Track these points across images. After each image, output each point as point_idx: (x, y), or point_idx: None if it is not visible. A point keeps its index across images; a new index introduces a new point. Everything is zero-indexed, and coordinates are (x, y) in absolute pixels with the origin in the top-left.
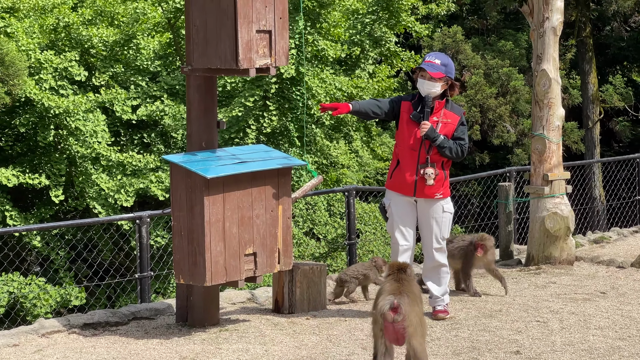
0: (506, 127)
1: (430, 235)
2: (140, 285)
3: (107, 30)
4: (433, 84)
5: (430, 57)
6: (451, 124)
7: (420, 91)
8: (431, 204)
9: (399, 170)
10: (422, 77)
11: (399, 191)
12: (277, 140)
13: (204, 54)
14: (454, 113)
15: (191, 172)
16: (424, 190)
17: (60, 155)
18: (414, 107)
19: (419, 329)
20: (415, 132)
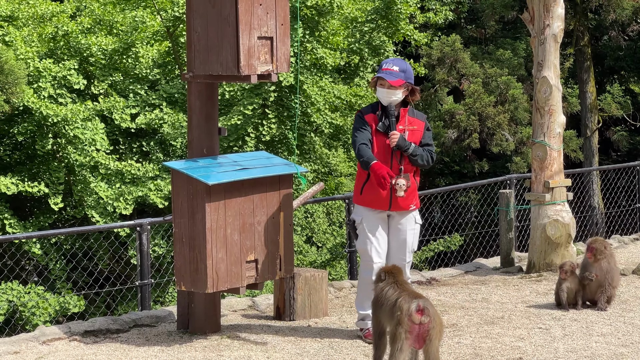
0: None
1: (403, 249)
2: (141, 292)
3: (106, 38)
4: (393, 92)
5: (387, 65)
6: (417, 130)
7: (381, 100)
8: (405, 216)
9: (371, 184)
10: (381, 86)
11: (372, 206)
12: (276, 148)
13: (205, 60)
14: (418, 119)
15: (192, 179)
16: (398, 203)
17: (59, 164)
18: (379, 118)
19: (440, 332)
20: (385, 143)
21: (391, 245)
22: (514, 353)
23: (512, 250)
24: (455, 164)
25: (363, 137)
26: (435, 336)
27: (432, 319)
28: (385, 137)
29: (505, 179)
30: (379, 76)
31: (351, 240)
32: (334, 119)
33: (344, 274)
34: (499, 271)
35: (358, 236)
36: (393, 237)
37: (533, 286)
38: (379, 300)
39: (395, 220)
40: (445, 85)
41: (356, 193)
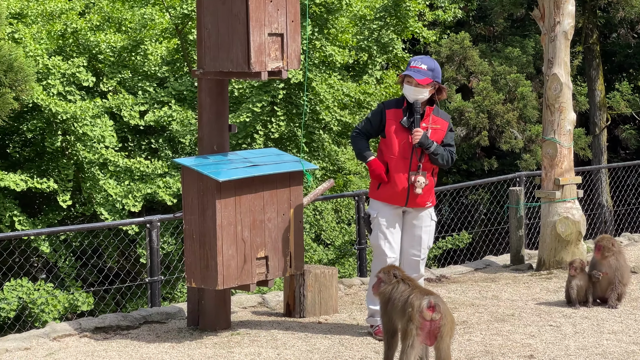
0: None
1: (418, 245)
2: (151, 289)
3: (115, 36)
4: (420, 90)
5: (415, 63)
6: (440, 130)
7: (407, 97)
8: (420, 213)
9: (388, 179)
10: (408, 84)
11: (388, 201)
12: (285, 145)
13: (215, 57)
14: (442, 119)
15: (203, 176)
16: (415, 200)
17: (68, 161)
18: (403, 113)
19: (451, 329)
20: (406, 140)
21: (405, 241)
22: (524, 350)
23: (522, 247)
24: (463, 162)
25: (365, 127)
26: (446, 333)
27: (443, 316)
28: (408, 133)
29: (514, 177)
30: (407, 74)
31: (361, 237)
32: (342, 116)
33: (352, 271)
34: (509, 269)
35: (372, 230)
36: (407, 233)
37: (543, 284)
38: (390, 298)
39: (410, 216)
40: (453, 83)
41: (372, 188)
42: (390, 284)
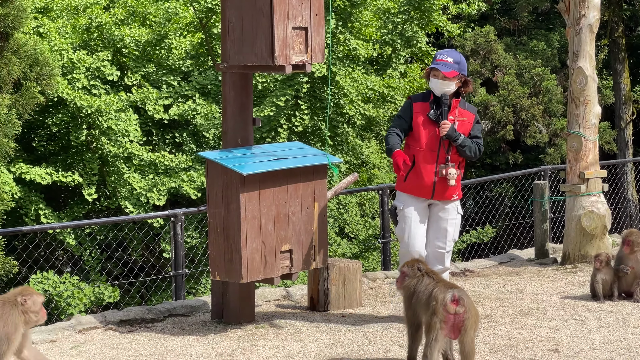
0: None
1: (444, 238)
2: (175, 282)
3: (139, 30)
4: (447, 83)
5: (442, 56)
6: (467, 122)
7: (434, 91)
8: (446, 206)
9: (415, 172)
10: (434, 77)
11: (415, 194)
12: (309, 139)
13: (240, 51)
14: (468, 111)
15: (227, 169)
16: (442, 192)
17: (93, 155)
18: (430, 107)
19: (475, 323)
20: (434, 132)
21: (430, 233)
22: (549, 344)
23: (547, 241)
24: (488, 156)
25: (398, 123)
26: (470, 326)
27: (467, 309)
28: (435, 125)
29: (539, 170)
30: (433, 67)
31: (385, 230)
32: (366, 110)
33: (376, 265)
34: (534, 262)
35: (398, 222)
36: (433, 225)
37: (568, 278)
38: (414, 292)
39: (436, 209)
40: (478, 77)
41: (399, 180)
42: (414, 278)
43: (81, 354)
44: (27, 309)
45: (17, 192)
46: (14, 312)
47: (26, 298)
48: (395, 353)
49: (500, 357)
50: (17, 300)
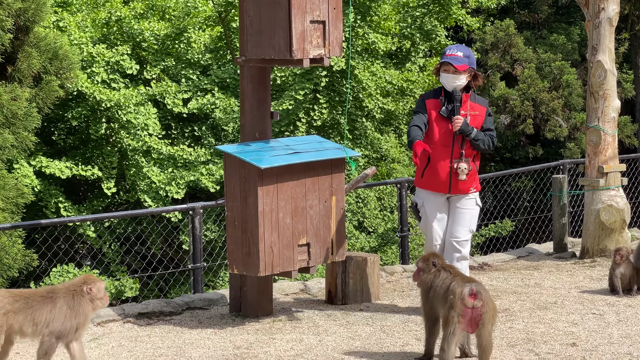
0: (558, 121)
1: (463, 229)
2: (194, 275)
3: (159, 24)
4: (458, 77)
5: (452, 51)
6: (479, 115)
7: (445, 86)
8: (464, 198)
9: (431, 168)
10: (445, 72)
11: (432, 189)
12: (328, 133)
13: (257, 44)
14: (479, 104)
15: (245, 163)
16: (458, 186)
17: (112, 148)
18: (442, 103)
19: (493, 317)
20: (447, 128)
21: (451, 225)
22: (567, 338)
23: (565, 235)
24: (507, 150)
25: (417, 120)
26: (488, 320)
27: (485, 303)
28: (448, 121)
29: (558, 164)
30: (444, 61)
31: (403, 224)
32: (385, 104)
33: (395, 259)
34: (552, 257)
35: (421, 218)
36: (451, 216)
37: (586, 272)
38: (431, 286)
39: (454, 202)
40: (498, 71)
41: (417, 176)
42: (431, 273)
43: (100, 347)
44: (94, 297)
45: (37, 186)
46: (82, 302)
47: (91, 286)
48: (413, 346)
49: (518, 351)
50: (84, 290)
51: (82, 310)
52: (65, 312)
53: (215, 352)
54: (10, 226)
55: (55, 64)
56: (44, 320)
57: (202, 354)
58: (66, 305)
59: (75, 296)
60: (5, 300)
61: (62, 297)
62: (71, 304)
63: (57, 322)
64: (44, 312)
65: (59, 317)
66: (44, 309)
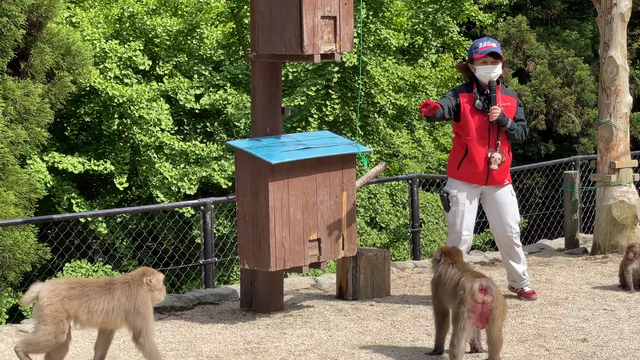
0: (571, 117)
1: (509, 220)
2: (205, 271)
3: (171, 20)
4: (496, 67)
5: (485, 43)
6: (511, 106)
7: (483, 78)
8: (499, 190)
9: (469, 159)
10: (484, 64)
11: (469, 180)
12: (340, 129)
13: (269, 40)
14: (510, 96)
15: (256, 158)
16: (494, 178)
17: (125, 144)
18: (475, 97)
19: (503, 312)
20: (482, 120)
21: (495, 220)
22: (578, 334)
23: (577, 231)
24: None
25: (442, 101)
26: (498, 316)
27: (494, 299)
28: (483, 114)
29: (570, 160)
30: (488, 52)
31: (415, 220)
32: (397, 99)
33: (407, 255)
34: (563, 252)
35: (450, 208)
36: (494, 211)
37: (598, 268)
38: (440, 281)
39: (490, 195)
40: (510, 67)
41: (452, 167)
42: (439, 265)
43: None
44: (153, 288)
45: (49, 181)
46: (140, 293)
47: (151, 278)
48: (423, 342)
49: (529, 346)
50: (143, 281)
51: (141, 299)
52: (123, 303)
53: (226, 347)
54: (22, 221)
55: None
56: (100, 310)
57: (213, 349)
58: (124, 296)
59: (132, 287)
60: (62, 287)
61: (119, 288)
62: (129, 294)
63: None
64: (101, 302)
65: (117, 308)
66: (101, 298)
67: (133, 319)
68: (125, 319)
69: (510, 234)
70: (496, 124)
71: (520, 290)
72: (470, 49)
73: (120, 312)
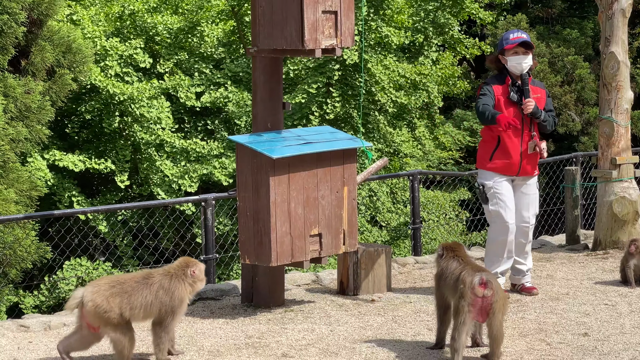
0: (571, 115)
1: (529, 213)
2: (206, 267)
3: (172, 17)
4: (528, 57)
5: (515, 34)
6: (541, 98)
7: (516, 69)
8: (528, 182)
9: (501, 151)
10: (516, 54)
11: (502, 172)
12: (340, 126)
13: (269, 35)
14: (539, 87)
15: (257, 153)
16: (526, 169)
17: (125, 142)
18: (509, 90)
19: (504, 306)
20: (516, 112)
21: (517, 209)
22: (579, 328)
23: (578, 227)
24: None
25: (486, 100)
26: (498, 309)
27: (495, 292)
28: (516, 105)
29: (571, 157)
30: (522, 42)
31: (415, 217)
32: (398, 97)
33: (407, 253)
34: (564, 248)
35: (489, 200)
36: (518, 202)
37: (599, 263)
38: (442, 275)
39: (519, 185)
40: None
41: (484, 159)
42: (442, 260)
43: None
44: (196, 279)
45: (50, 179)
46: (180, 286)
47: (194, 269)
48: (424, 336)
49: (530, 340)
50: (187, 273)
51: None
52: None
53: (227, 342)
54: (23, 217)
55: (68, 58)
56: (140, 305)
57: (214, 344)
58: (162, 289)
59: (172, 280)
60: (103, 287)
61: (158, 282)
62: (167, 288)
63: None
64: (140, 297)
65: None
66: (140, 292)
67: (164, 311)
68: (159, 310)
69: (527, 227)
70: (530, 116)
71: (522, 286)
72: (500, 40)
73: (156, 305)
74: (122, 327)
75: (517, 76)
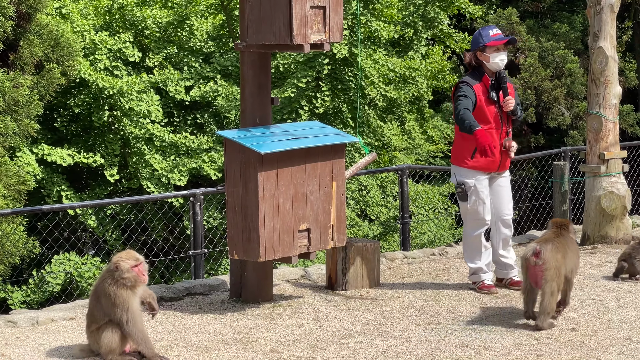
0: (561, 109)
1: (508, 205)
2: (194, 262)
3: (161, 11)
4: (506, 53)
5: (494, 30)
6: (512, 92)
7: (497, 66)
8: (504, 174)
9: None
10: (498, 51)
11: (485, 169)
12: (330, 121)
13: (258, 30)
14: (510, 83)
15: (245, 148)
16: (504, 164)
17: (115, 136)
18: (490, 88)
19: (556, 276)
20: (496, 110)
21: (495, 203)
22: (567, 323)
23: None
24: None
25: (467, 103)
26: (550, 278)
27: (546, 261)
28: (495, 104)
29: (559, 152)
30: (509, 39)
31: (404, 211)
32: (387, 91)
33: (396, 247)
34: None
35: (468, 198)
36: (496, 196)
37: (587, 258)
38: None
39: (496, 179)
40: None
41: (463, 157)
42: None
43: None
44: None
45: (39, 174)
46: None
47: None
48: (413, 332)
49: (518, 335)
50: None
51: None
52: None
53: (215, 337)
54: (10, 212)
55: (57, 52)
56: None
57: (202, 339)
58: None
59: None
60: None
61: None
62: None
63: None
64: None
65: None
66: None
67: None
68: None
69: (508, 217)
70: (511, 113)
71: (510, 280)
72: (475, 37)
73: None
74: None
75: (493, 73)
